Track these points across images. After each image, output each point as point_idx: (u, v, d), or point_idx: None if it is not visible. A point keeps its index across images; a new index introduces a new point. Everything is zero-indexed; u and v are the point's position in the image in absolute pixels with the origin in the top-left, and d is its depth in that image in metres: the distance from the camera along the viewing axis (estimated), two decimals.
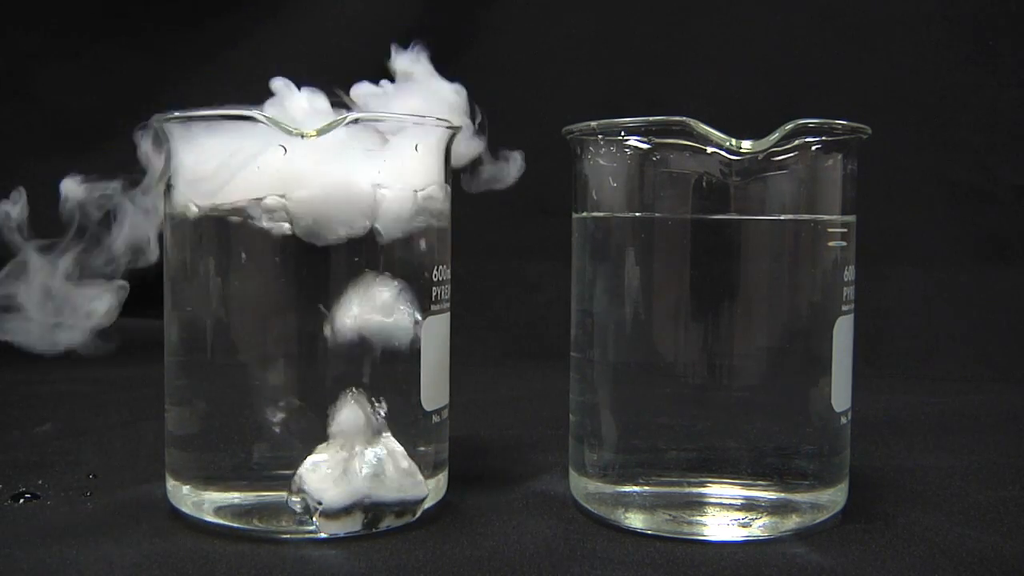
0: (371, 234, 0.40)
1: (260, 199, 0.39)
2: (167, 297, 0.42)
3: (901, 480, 0.49)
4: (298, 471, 0.39)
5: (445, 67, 0.45)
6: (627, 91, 0.87)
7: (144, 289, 0.43)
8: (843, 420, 0.42)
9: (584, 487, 0.43)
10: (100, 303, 0.41)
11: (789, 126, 0.39)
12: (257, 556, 0.38)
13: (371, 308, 0.40)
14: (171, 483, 0.42)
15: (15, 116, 0.90)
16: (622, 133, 0.41)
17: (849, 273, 0.42)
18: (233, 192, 0.39)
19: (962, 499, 0.46)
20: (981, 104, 0.84)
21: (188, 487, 0.41)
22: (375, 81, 0.44)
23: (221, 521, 0.40)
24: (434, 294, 0.42)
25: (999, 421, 0.64)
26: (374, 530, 0.40)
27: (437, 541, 0.40)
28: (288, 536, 0.39)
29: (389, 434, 0.40)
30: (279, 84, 0.43)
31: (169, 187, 0.42)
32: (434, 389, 0.43)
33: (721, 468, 0.40)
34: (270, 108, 0.42)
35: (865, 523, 0.42)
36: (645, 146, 0.41)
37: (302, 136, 0.38)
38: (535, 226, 0.83)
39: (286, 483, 0.39)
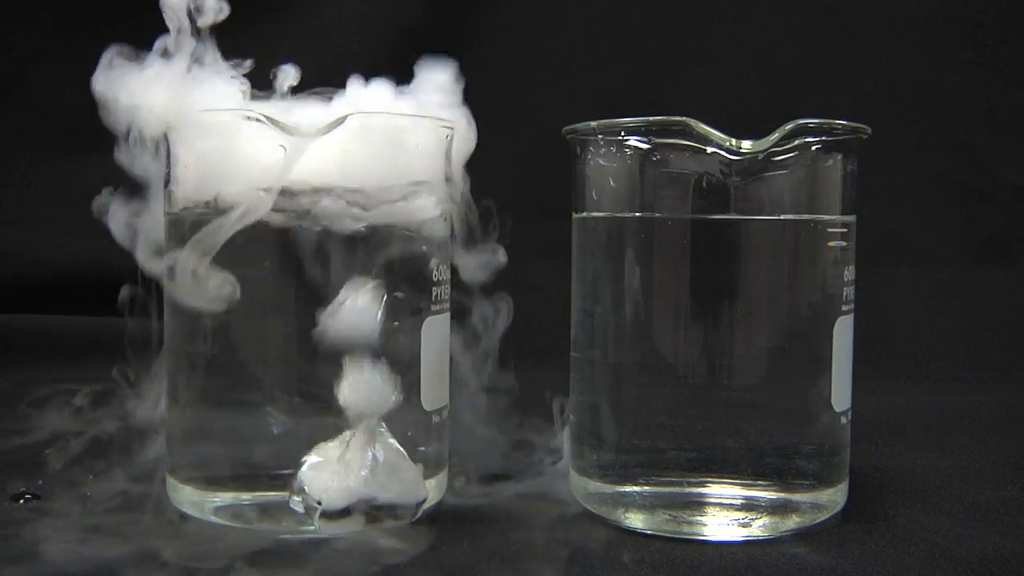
0: (370, 232, 0.40)
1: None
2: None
3: (901, 480, 0.49)
4: (298, 471, 0.39)
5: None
6: (627, 91, 0.87)
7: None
8: (843, 420, 0.42)
9: (584, 487, 0.43)
10: None
11: (789, 126, 0.39)
12: (256, 556, 0.38)
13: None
14: (171, 482, 0.42)
15: (14, 115, 0.90)
16: (622, 133, 0.41)
17: (849, 273, 0.42)
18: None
19: (962, 499, 0.46)
20: (981, 104, 0.84)
21: (188, 487, 0.41)
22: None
23: (221, 521, 0.40)
24: (434, 294, 0.42)
25: (999, 421, 0.64)
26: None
27: (437, 541, 0.39)
28: (288, 536, 0.39)
29: (389, 434, 0.40)
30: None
31: (168, 186, 0.42)
32: (434, 389, 0.42)
33: (721, 468, 0.40)
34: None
35: (865, 523, 0.42)
36: (645, 146, 0.41)
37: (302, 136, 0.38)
38: (535, 226, 0.83)
39: (287, 483, 0.39)
